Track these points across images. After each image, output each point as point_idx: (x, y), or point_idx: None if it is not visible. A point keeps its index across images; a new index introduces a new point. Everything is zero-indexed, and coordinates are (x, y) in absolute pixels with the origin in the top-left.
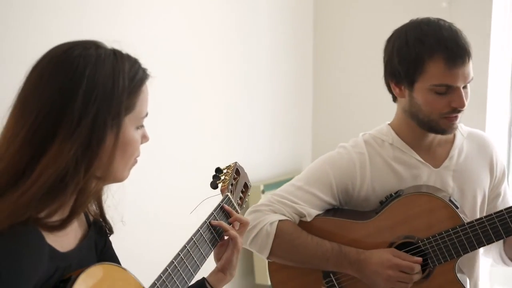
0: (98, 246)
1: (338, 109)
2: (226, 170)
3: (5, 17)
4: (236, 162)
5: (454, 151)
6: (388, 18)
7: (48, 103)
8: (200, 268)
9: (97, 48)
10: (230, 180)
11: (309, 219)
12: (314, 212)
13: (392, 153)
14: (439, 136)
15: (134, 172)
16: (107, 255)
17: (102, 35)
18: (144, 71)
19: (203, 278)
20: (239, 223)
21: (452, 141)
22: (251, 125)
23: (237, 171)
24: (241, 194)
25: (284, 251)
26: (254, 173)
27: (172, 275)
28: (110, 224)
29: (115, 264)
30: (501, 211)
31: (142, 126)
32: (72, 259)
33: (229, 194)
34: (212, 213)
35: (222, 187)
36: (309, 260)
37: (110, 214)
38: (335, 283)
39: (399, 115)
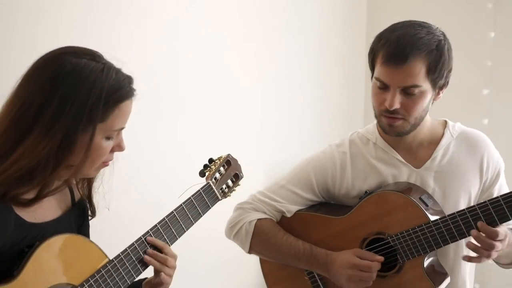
0: (77, 224)
1: None
2: (217, 160)
3: (7, 16)
4: (228, 154)
5: (438, 152)
6: (435, 16)
7: (31, 97)
8: (141, 272)
9: (90, 59)
10: (217, 170)
11: (289, 215)
12: (295, 208)
13: (374, 153)
14: (420, 137)
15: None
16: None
17: (102, 35)
18: (130, 89)
19: (140, 282)
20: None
21: (438, 142)
22: (300, 121)
23: (228, 162)
24: (231, 184)
25: (261, 248)
26: None
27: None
28: (94, 208)
29: (81, 235)
30: (463, 210)
31: (112, 137)
32: (47, 230)
33: (210, 182)
34: (191, 199)
35: (207, 176)
36: (283, 258)
37: (97, 199)
38: (315, 274)
39: None
